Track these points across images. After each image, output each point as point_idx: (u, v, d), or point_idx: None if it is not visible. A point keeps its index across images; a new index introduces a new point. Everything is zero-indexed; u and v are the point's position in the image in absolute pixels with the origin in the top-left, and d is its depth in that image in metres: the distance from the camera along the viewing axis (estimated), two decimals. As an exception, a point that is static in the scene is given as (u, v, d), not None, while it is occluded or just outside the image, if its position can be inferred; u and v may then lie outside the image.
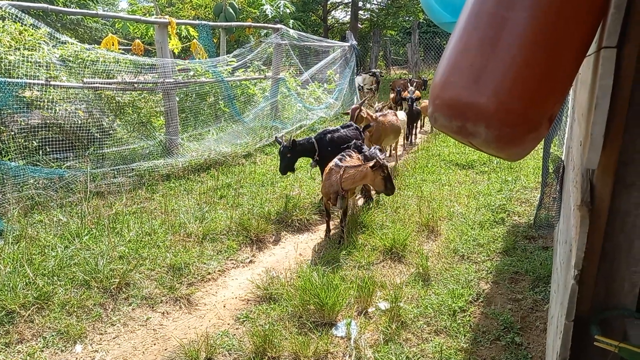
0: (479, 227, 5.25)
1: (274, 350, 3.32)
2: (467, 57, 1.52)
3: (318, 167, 6.15)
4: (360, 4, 26.09)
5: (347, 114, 7.61)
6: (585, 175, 1.75)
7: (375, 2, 27.57)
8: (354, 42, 14.56)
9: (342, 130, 6.41)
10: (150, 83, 7.57)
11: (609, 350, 1.61)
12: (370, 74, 15.19)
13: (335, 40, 17.97)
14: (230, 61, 9.37)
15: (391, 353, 3.21)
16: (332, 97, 13.06)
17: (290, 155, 5.94)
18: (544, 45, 1.43)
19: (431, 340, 3.38)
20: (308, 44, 12.66)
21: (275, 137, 6.28)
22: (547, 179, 5.49)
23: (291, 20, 16.98)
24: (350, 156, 5.22)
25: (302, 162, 7.00)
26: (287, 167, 5.99)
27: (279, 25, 10.60)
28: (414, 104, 9.94)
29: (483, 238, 4.97)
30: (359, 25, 25.52)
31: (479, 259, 4.58)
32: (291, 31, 11.02)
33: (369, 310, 3.82)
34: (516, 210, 5.69)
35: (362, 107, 7.50)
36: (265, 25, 11.64)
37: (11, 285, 3.78)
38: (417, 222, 5.42)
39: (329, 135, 6.19)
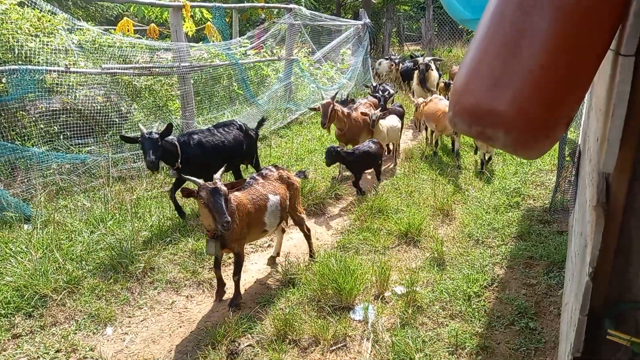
0: (493, 211, 5.30)
1: (295, 333, 3.45)
2: (487, 64, 1.56)
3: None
4: (374, -21, 25.59)
5: (316, 110, 6.63)
6: (601, 174, 1.79)
7: (389, -23, 27.00)
8: (368, 21, 14.38)
9: (217, 131, 5.34)
10: (166, 67, 7.63)
11: (621, 344, 1.68)
12: (386, 58, 14.47)
13: (348, 19, 17.75)
14: (244, 43, 9.37)
15: (408, 337, 3.33)
16: (346, 77, 13.00)
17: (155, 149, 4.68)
18: (564, 52, 1.46)
19: (446, 325, 3.48)
20: (321, 23, 12.56)
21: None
22: (564, 162, 5.51)
23: (303, -1, 16.79)
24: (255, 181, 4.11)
25: (317, 145, 7.04)
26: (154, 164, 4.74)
27: (291, 5, 10.52)
28: None
29: (498, 222, 5.03)
30: (373, 1, 25.10)
31: (493, 244, 4.64)
32: (304, 10, 10.94)
33: (386, 294, 3.93)
34: (531, 194, 5.72)
35: (335, 103, 6.48)
36: (278, 5, 11.56)
37: (43, 270, 3.95)
38: (431, 205, 5.48)
39: (197, 137, 5.13)
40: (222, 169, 3.92)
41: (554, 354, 3.13)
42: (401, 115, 7.94)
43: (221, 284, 4.00)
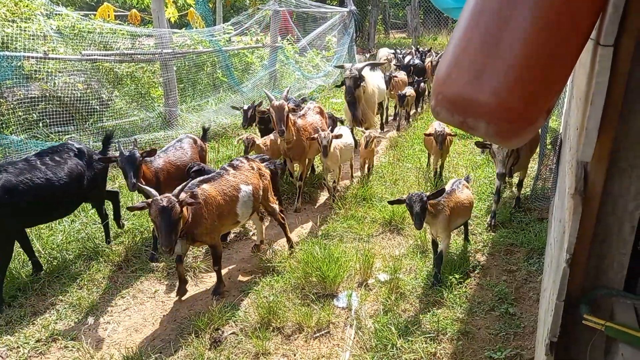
0: (476, 199, 5.35)
1: (279, 320, 3.47)
2: (469, 54, 1.57)
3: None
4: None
5: (265, 113, 5.39)
6: (580, 163, 1.82)
7: (374, -37, 26.82)
8: (353, 8, 14.29)
9: (41, 163, 3.78)
10: (148, 54, 7.51)
11: (597, 329, 1.72)
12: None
13: (333, 6, 17.63)
14: (228, 30, 9.25)
15: (390, 323, 3.37)
16: (331, 65, 12.94)
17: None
18: (545, 44, 1.47)
19: (428, 311, 3.53)
20: (306, 9, 12.45)
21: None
22: (545, 150, 5.58)
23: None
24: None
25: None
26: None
27: (276, -9, 10.40)
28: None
29: (480, 210, 5.09)
30: (358, -12, 24.94)
31: (475, 231, 4.70)
32: (288, -4, 10.83)
33: (369, 281, 3.96)
34: (513, 182, 5.79)
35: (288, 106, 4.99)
36: (263, -9, 11.41)
37: (22, 259, 3.89)
38: (415, 194, 5.51)
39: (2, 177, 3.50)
40: None
41: (532, 339, 3.20)
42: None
43: (183, 281, 3.81)
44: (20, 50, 5.69)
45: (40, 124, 6.24)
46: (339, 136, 5.32)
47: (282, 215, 4.50)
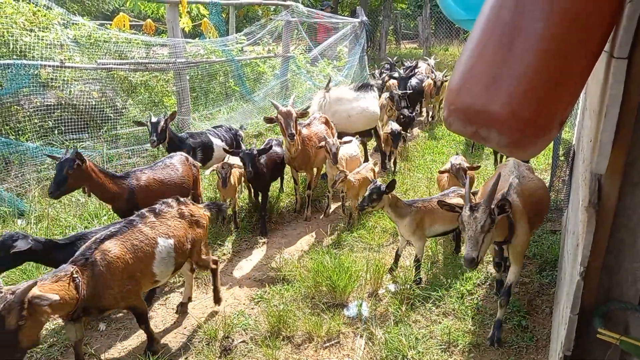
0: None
1: (288, 329, 3.47)
2: (482, 65, 1.57)
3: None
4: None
5: (272, 121, 5.03)
6: (593, 175, 1.81)
7: (386, -26, 26.99)
8: (365, 18, 14.37)
9: None
10: (162, 63, 7.61)
11: (611, 343, 1.70)
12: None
13: (345, 16, 17.73)
14: (241, 40, 9.35)
15: (401, 334, 3.35)
16: (342, 75, 13.00)
17: None
18: (557, 56, 1.47)
19: (440, 322, 3.51)
20: (318, 20, 12.54)
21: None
22: (558, 162, 5.54)
23: (301, -5, 16.76)
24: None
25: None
26: None
27: (289, 2, 10.50)
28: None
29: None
30: (370, -1, 25.07)
31: (487, 242, 4.66)
32: (300, 7, 10.92)
33: (380, 292, 3.95)
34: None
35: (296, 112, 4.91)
36: (275, 2, 11.53)
37: (37, 265, 3.94)
38: (426, 204, 5.49)
39: None
40: None
41: (545, 352, 3.16)
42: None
43: None
44: (38, 59, 5.80)
45: (56, 132, 6.33)
46: (348, 141, 5.24)
47: (215, 264, 3.79)
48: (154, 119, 5.01)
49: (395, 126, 6.61)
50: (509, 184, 3.23)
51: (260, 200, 5.23)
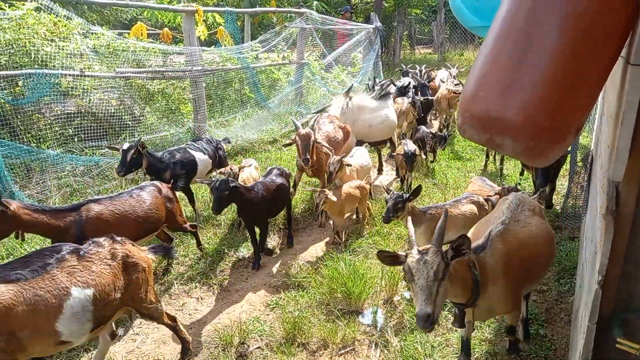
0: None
1: (304, 336, 3.47)
2: (496, 72, 1.57)
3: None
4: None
5: (290, 144, 5.24)
6: (611, 182, 1.79)
7: (401, -20, 26.99)
8: (379, 24, 14.40)
9: None
10: (179, 71, 7.72)
11: (631, 353, 1.67)
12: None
13: (359, 22, 17.78)
14: (256, 47, 9.44)
15: (416, 342, 3.33)
16: (356, 81, 13.02)
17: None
18: (572, 61, 1.46)
19: (456, 330, 3.47)
20: (332, 27, 12.60)
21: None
22: (576, 168, 5.46)
23: (315, 2, 16.86)
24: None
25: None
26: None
27: (303, 10, 10.58)
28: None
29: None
30: (384, 5, 25.11)
31: (504, 249, 4.61)
32: (315, 14, 10.99)
33: (395, 298, 3.93)
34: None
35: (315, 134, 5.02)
36: (290, 9, 11.64)
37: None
38: (442, 210, 5.46)
39: None
40: None
41: (564, 361, 3.11)
42: None
43: None
44: (58, 68, 5.94)
45: (76, 139, 6.46)
46: (349, 165, 5.13)
47: (170, 316, 3.31)
48: (125, 146, 4.71)
49: (410, 146, 5.81)
50: (488, 231, 2.71)
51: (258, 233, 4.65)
